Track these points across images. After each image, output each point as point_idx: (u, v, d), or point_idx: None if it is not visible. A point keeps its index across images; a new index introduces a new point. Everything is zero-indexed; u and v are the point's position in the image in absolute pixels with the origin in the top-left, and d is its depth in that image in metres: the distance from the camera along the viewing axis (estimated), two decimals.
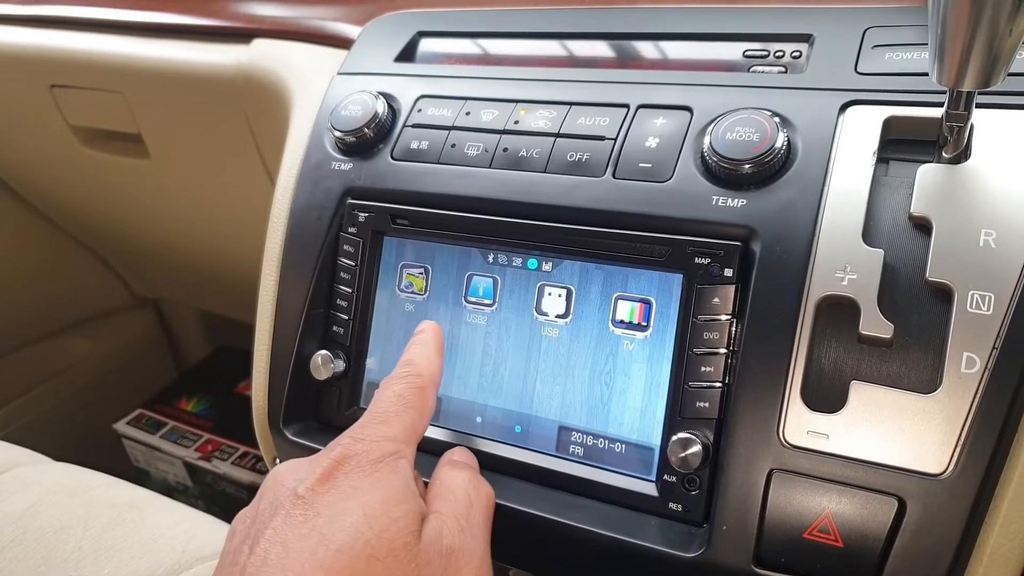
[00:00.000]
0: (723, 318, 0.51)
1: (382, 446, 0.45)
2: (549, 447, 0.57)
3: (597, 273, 0.56)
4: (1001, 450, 0.43)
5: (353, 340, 0.65)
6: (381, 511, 0.41)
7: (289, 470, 0.46)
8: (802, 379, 0.47)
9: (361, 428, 0.46)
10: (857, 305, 0.47)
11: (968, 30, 0.39)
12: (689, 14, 0.66)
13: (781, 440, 0.47)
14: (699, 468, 0.50)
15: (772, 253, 0.50)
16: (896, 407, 0.45)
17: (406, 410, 0.48)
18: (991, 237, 0.46)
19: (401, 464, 0.45)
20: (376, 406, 0.48)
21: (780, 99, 0.56)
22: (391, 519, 0.41)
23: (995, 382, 0.43)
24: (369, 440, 0.45)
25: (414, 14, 0.79)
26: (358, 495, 0.41)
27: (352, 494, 0.42)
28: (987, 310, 0.44)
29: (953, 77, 0.43)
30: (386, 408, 0.48)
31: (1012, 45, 0.40)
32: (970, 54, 0.41)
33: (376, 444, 0.45)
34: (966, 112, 0.46)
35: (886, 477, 0.44)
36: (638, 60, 0.66)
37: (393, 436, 0.46)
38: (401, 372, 0.51)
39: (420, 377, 0.51)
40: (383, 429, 0.46)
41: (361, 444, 0.45)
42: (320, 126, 0.70)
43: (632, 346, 0.55)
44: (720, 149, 0.53)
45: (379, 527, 0.40)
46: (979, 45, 0.40)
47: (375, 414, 0.48)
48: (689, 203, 0.53)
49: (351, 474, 0.43)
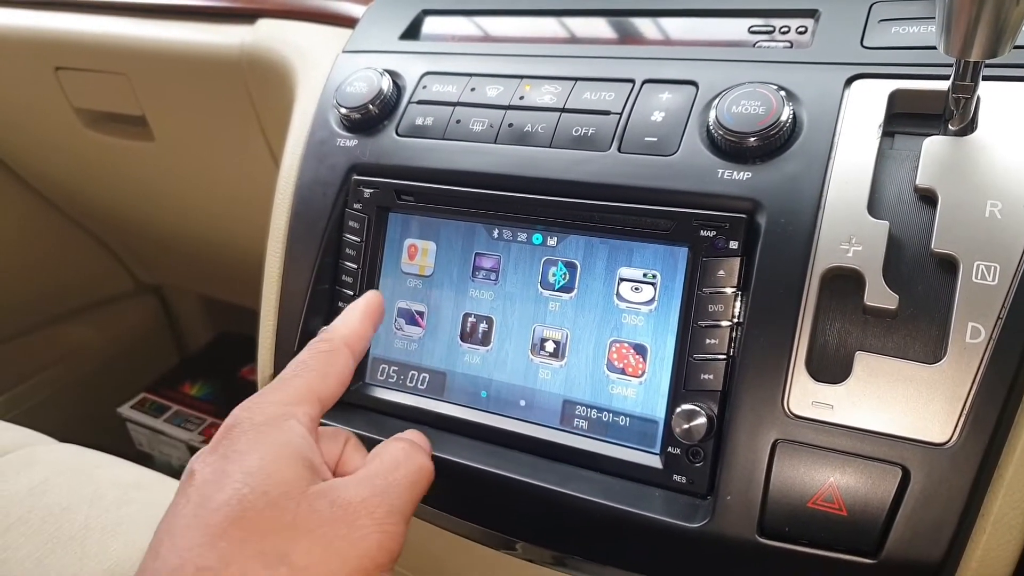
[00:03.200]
0: (728, 290, 0.51)
1: (267, 409, 0.45)
2: (554, 420, 0.57)
3: (602, 247, 0.56)
4: (1005, 420, 0.43)
5: None
6: (258, 467, 0.41)
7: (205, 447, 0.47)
8: (807, 350, 0.47)
9: (252, 397, 0.47)
10: (862, 276, 0.47)
11: (976, 1, 0.39)
12: None
13: (786, 411, 0.47)
14: (703, 440, 0.50)
15: (777, 225, 0.50)
16: (900, 377, 0.45)
17: (302, 374, 0.49)
18: (996, 208, 0.46)
19: (288, 425, 0.45)
20: (280, 374, 0.50)
21: (786, 73, 0.56)
22: (267, 474, 0.41)
23: (1000, 352, 0.43)
24: (256, 406, 0.46)
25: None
26: (239, 458, 0.42)
27: (235, 457, 0.42)
28: (992, 280, 0.44)
29: (960, 47, 0.43)
30: (284, 374, 0.49)
31: (1019, 15, 0.40)
32: (977, 24, 0.41)
33: (261, 408, 0.45)
34: (973, 83, 0.46)
35: (890, 447, 0.45)
36: (643, 36, 0.66)
37: (280, 400, 0.46)
38: (314, 339, 0.52)
39: (329, 342, 0.51)
40: (273, 395, 0.47)
41: (247, 411, 0.45)
42: (325, 104, 0.70)
43: (637, 320, 0.55)
44: (726, 122, 0.53)
45: (255, 483, 0.40)
46: (986, 15, 0.40)
47: (272, 382, 0.49)
48: (695, 176, 0.53)
49: (235, 440, 0.43)
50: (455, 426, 0.60)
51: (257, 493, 0.40)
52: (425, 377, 0.63)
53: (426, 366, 0.63)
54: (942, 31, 0.43)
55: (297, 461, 0.43)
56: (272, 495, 0.40)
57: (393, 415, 0.63)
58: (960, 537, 0.43)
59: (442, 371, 0.62)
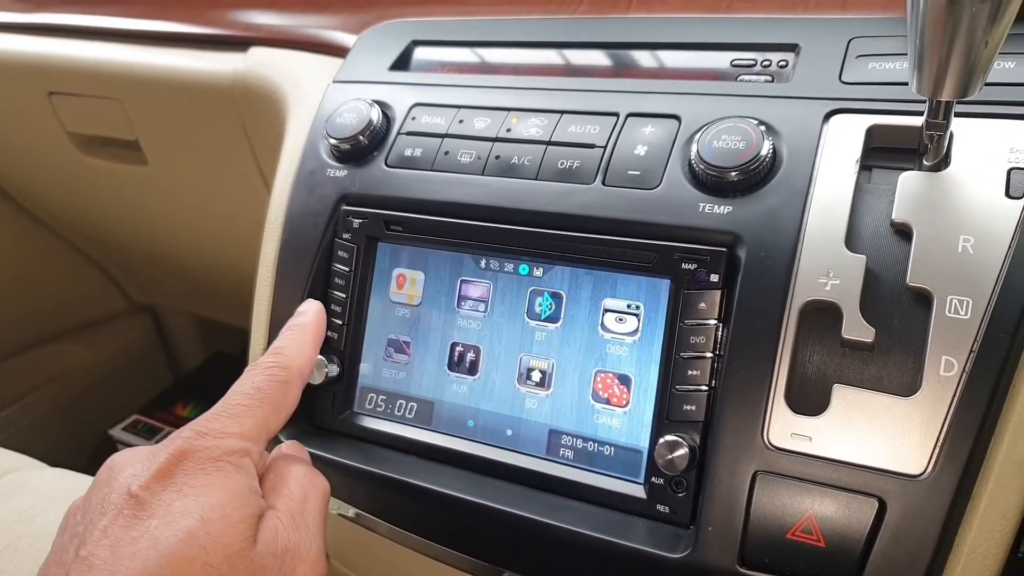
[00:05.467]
0: (710, 322, 0.52)
1: (227, 443, 0.43)
2: (540, 450, 0.58)
3: (587, 278, 0.57)
4: (978, 451, 0.44)
5: (347, 345, 0.66)
6: (219, 515, 0.39)
7: (126, 461, 0.43)
8: (786, 382, 0.48)
9: (207, 421, 0.44)
10: (840, 310, 0.48)
11: (946, 41, 0.40)
12: (678, 24, 0.68)
13: (765, 442, 0.48)
14: (686, 470, 0.51)
15: (757, 259, 0.51)
16: (877, 410, 0.46)
17: (261, 405, 0.46)
18: (969, 243, 0.47)
19: (245, 463, 0.43)
20: (230, 396, 0.47)
21: (766, 108, 0.57)
22: (229, 524, 0.40)
23: (972, 385, 0.44)
24: (213, 435, 0.43)
25: (409, 23, 0.80)
26: (196, 495, 0.40)
27: (190, 493, 0.40)
28: (965, 314, 0.45)
29: (932, 87, 0.44)
30: (239, 401, 0.46)
31: (988, 55, 0.41)
32: (948, 65, 0.42)
33: (220, 441, 0.42)
34: (945, 121, 0.47)
35: (867, 478, 0.45)
36: (628, 69, 0.67)
37: (240, 432, 0.44)
38: (267, 361, 0.50)
39: (285, 370, 0.49)
40: (230, 424, 0.44)
41: (204, 439, 0.42)
42: (315, 133, 0.71)
43: (622, 350, 0.56)
44: (707, 157, 0.54)
45: (216, 531, 0.39)
46: (956, 56, 0.41)
47: (227, 405, 0.46)
48: (676, 210, 0.54)
49: (190, 473, 0.41)
50: (442, 455, 0.61)
51: (218, 546, 0.39)
52: (413, 406, 0.63)
53: (414, 395, 0.63)
54: (914, 71, 0.44)
55: (252, 507, 0.42)
56: (231, 551, 0.39)
57: (381, 444, 0.64)
58: (935, 567, 0.44)
59: (430, 400, 0.63)
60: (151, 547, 0.38)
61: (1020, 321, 0.45)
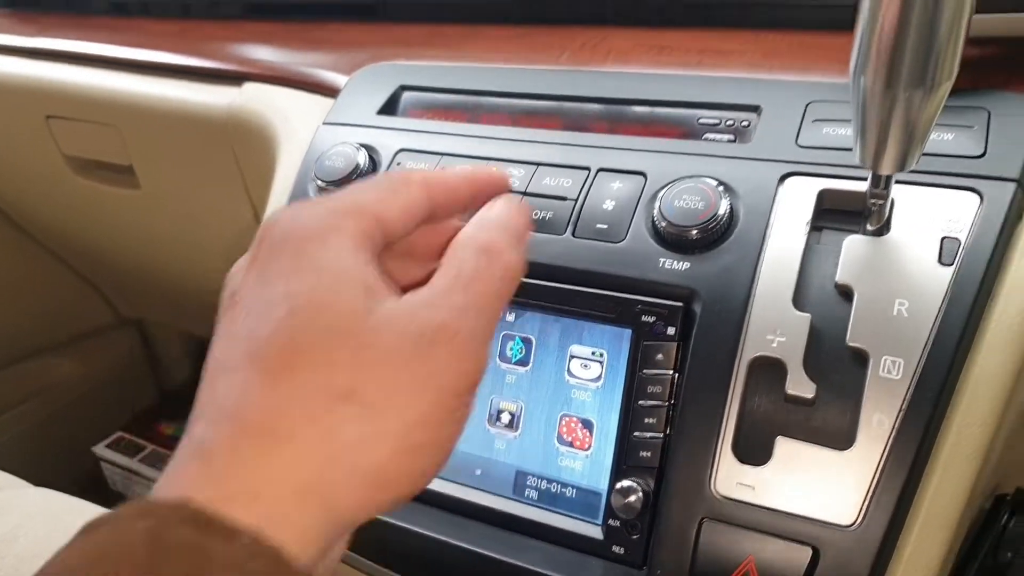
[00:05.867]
0: (666, 373, 0.55)
1: (307, 220, 0.36)
2: (507, 490, 0.61)
3: (556, 325, 0.61)
4: (904, 503, 0.48)
5: None
6: (304, 291, 0.34)
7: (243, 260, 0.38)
8: (734, 433, 0.52)
9: (295, 204, 0.38)
10: (785, 366, 0.51)
11: (883, 121, 0.44)
12: (651, 80, 0.71)
13: (712, 491, 0.51)
14: (639, 514, 0.54)
15: (711, 314, 0.55)
16: (815, 462, 0.49)
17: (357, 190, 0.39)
18: (904, 306, 0.50)
19: (334, 239, 0.36)
20: None
21: (727, 167, 0.61)
22: (316, 301, 0.34)
23: (900, 441, 0.48)
24: (295, 215, 0.37)
25: (397, 67, 0.84)
26: (280, 281, 0.35)
27: (275, 281, 0.35)
28: (897, 375, 0.49)
29: (872, 162, 0.47)
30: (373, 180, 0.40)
31: (923, 133, 0.45)
32: (886, 142, 0.45)
33: (301, 218, 0.37)
34: (886, 191, 0.51)
35: (803, 527, 0.49)
36: (602, 123, 0.70)
37: (325, 208, 0.37)
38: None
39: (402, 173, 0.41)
40: (315, 205, 0.37)
41: (284, 222, 0.37)
42: (304, 174, 0.75)
43: (585, 395, 0.59)
44: (668, 215, 0.57)
45: (304, 311, 0.34)
46: (894, 134, 0.44)
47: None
48: (639, 264, 0.58)
49: (273, 257, 0.36)
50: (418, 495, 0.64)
51: (308, 323, 0.34)
52: None
53: None
54: (856, 143, 0.47)
55: (349, 282, 0.35)
56: (326, 324, 0.34)
57: None
58: None
59: None
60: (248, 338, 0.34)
61: (945, 382, 0.48)
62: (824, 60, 0.69)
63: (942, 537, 0.48)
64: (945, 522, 0.48)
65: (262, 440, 0.32)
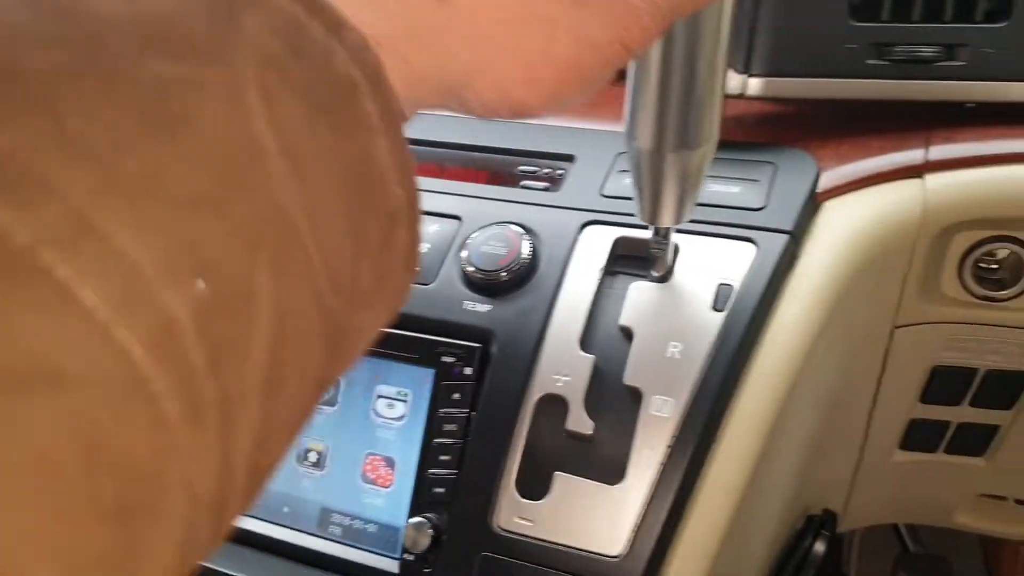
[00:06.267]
0: (462, 411, 0.57)
1: None
2: (312, 527, 0.61)
3: (364, 365, 0.62)
4: (666, 535, 0.50)
5: None
6: None
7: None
8: (517, 470, 0.54)
9: None
10: (567, 404, 0.54)
11: (656, 179, 0.47)
12: (482, 128, 0.74)
13: (494, 526, 0.53)
14: (429, 550, 0.55)
15: (505, 355, 0.57)
16: (588, 496, 0.52)
17: None
18: (677, 349, 0.54)
19: None
20: None
21: (536, 214, 0.63)
22: None
23: (666, 475, 0.51)
24: None
25: None
26: None
27: None
28: (666, 413, 0.52)
29: (649, 217, 0.51)
30: None
31: (694, 186, 0.48)
32: (660, 198, 0.49)
33: None
34: (665, 242, 0.54)
35: (574, 559, 0.51)
36: (428, 166, 0.73)
37: None
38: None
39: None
40: None
41: None
42: None
43: (389, 434, 0.60)
44: (473, 259, 0.60)
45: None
46: (668, 190, 0.48)
47: None
48: (444, 306, 0.60)
49: None
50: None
51: None
52: None
53: None
54: (636, 200, 0.51)
55: None
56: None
57: None
58: None
59: None
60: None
61: (709, 420, 0.52)
62: None
63: (702, 566, 0.51)
64: (705, 551, 0.51)
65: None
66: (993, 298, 0.66)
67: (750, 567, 0.68)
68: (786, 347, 0.55)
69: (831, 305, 0.58)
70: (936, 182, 0.62)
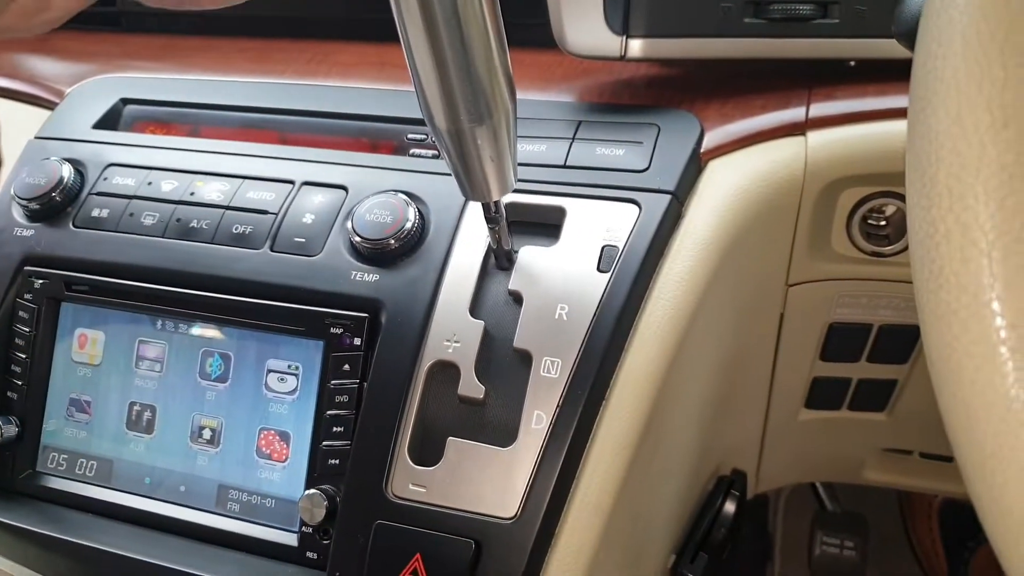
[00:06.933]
0: (352, 383, 0.57)
1: None
2: (210, 504, 0.60)
3: (253, 340, 0.61)
4: (559, 495, 0.51)
5: (27, 405, 0.65)
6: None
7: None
8: (410, 437, 0.54)
9: None
10: (459, 369, 0.54)
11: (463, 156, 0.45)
12: (368, 95, 0.73)
13: (388, 493, 0.53)
14: (325, 520, 0.55)
15: (395, 324, 0.56)
16: (481, 459, 0.52)
17: None
18: (564, 311, 0.54)
19: None
20: None
21: (423, 183, 0.63)
22: None
23: (555, 436, 0.51)
24: None
25: (122, 79, 0.81)
26: None
27: None
28: (555, 374, 0.52)
29: (472, 194, 0.49)
30: None
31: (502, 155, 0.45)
32: (473, 174, 0.46)
33: None
34: (497, 215, 0.52)
35: (467, 523, 0.51)
36: (316, 136, 0.71)
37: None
38: None
39: None
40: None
41: None
42: (7, 192, 0.71)
43: (282, 408, 0.59)
44: (359, 228, 0.59)
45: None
46: (478, 166, 0.45)
47: None
48: (331, 277, 0.59)
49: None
50: (120, 513, 0.62)
51: None
52: (93, 464, 0.64)
53: (94, 453, 0.64)
54: (456, 182, 0.49)
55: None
56: None
57: (62, 504, 0.64)
58: None
59: (109, 458, 0.64)
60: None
61: (596, 379, 0.52)
62: (527, 77, 0.73)
63: (596, 523, 0.52)
64: (598, 508, 0.52)
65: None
66: (881, 253, 0.68)
67: (660, 526, 0.69)
68: (672, 304, 0.56)
69: (717, 262, 0.59)
70: (818, 139, 0.63)
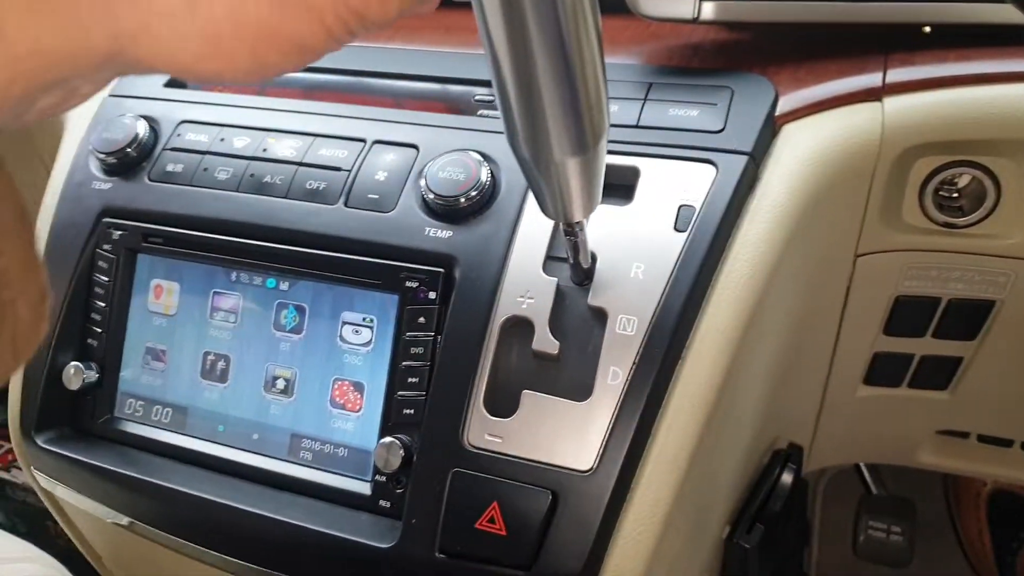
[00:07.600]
0: (427, 335, 0.57)
1: None
2: (282, 452, 0.62)
3: (328, 293, 0.62)
4: (636, 449, 0.52)
5: (106, 352, 0.67)
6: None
7: None
8: (485, 389, 0.54)
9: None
10: (533, 325, 0.54)
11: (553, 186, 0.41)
12: (433, 57, 0.73)
13: (464, 443, 0.54)
14: (400, 469, 0.56)
15: (468, 279, 0.57)
16: (556, 413, 0.53)
17: None
18: (640, 269, 0.54)
19: None
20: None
21: (493, 142, 0.63)
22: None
23: (632, 392, 0.52)
24: None
25: None
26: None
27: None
28: (631, 331, 0.53)
29: (556, 217, 0.46)
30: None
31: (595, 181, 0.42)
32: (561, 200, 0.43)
33: None
34: (577, 235, 0.50)
35: (544, 474, 0.52)
36: (384, 97, 0.72)
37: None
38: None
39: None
40: None
41: None
42: (85, 146, 0.72)
43: (357, 360, 0.60)
44: (433, 186, 0.59)
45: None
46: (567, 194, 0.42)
47: None
48: (406, 233, 0.60)
49: None
50: (194, 458, 0.64)
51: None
52: (168, 411, 0.66)
53: (169, 401, 0.66)
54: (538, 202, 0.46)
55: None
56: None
57: (138, 448, 0.66)
58: (598, 550, 0.51)
59: (184, 406, 0.65)
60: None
61: (673, 337, 0.52)
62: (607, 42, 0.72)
63: (672, 479, 0.52)
64: (674, 464, 0.52)
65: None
66: (954, 224, 0.66)
67: (720, 495, 0.69)
68: (749, 265, 0.56)
69: (792, 226, 0.58)
70: (894, 105, 0.62)
